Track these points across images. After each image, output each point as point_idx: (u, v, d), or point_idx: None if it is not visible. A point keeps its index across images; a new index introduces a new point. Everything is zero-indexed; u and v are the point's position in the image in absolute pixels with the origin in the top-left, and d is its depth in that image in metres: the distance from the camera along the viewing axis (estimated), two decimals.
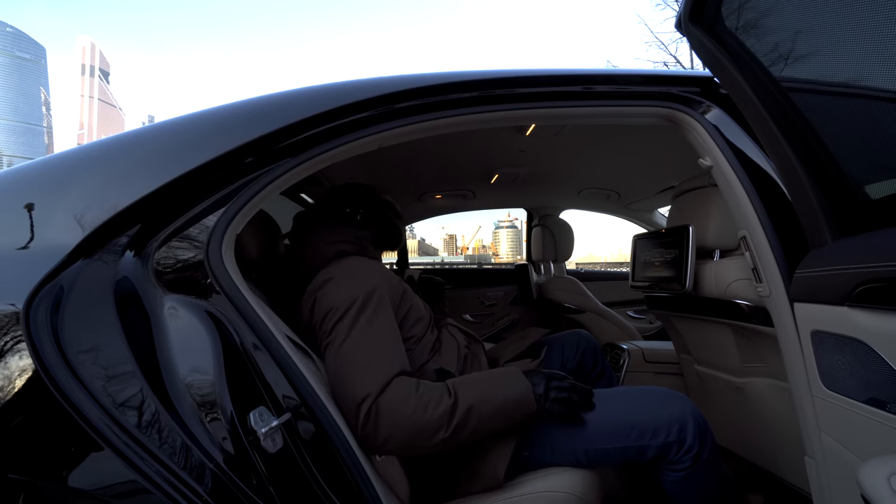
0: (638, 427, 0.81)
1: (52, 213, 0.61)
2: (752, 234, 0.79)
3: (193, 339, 0.59)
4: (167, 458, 0.51)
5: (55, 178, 0.66)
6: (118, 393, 0.52)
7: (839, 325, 0.52)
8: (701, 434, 0.81)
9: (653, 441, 0.80)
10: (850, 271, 0.49)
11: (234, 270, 0.68)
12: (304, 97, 0.75)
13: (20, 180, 0.66)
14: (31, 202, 0.62)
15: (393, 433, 0.71)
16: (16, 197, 0.63)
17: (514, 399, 0.78)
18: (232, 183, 0.69)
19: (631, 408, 0.84)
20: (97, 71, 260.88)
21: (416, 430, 0.72)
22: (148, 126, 0.73)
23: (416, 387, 0.75)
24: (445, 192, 2.23)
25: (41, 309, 0.52)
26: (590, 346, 1.22)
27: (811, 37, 0.55)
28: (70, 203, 0.62)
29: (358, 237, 0.98)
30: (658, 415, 0.82)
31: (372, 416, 0.71)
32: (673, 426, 0.80)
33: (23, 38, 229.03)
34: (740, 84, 0.58)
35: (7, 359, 0.50)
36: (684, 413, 0.82)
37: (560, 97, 0.87)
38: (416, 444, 0.73)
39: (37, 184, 0.65)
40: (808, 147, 0.54)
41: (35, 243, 0.58)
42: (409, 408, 0.72)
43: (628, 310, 2.56)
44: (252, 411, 0.57)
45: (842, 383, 0.55)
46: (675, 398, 0.85)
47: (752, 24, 0.56)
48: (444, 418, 0.73)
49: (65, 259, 0.56)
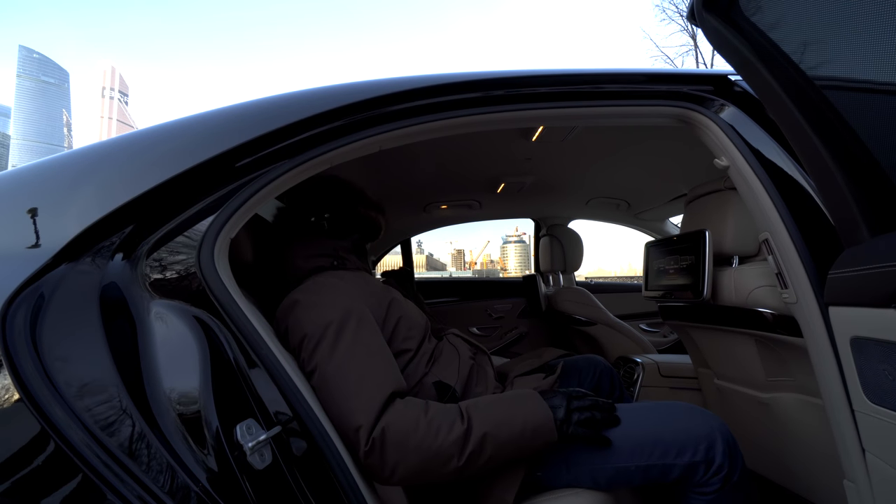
0: (662, 444, 0.74)
1: (39, 216, 0.59)
2: (775, 236, 0.74)
3: (180, 347, 0.55)
4: (145, 476, 0.47)
5: (44, 181, 0.64)
6: (97, 405, 0.49)
7: (884, 329, 0.47)
8: (731, 453, 0.74)
9: (678, 460, 0.73)
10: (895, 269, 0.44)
11: (227, 276, 0.65)
12: (301, 99, 0.73)
13: (7, 184, 0.64)
14: (16, 205, 0.60)
15: (400, 462, 0.65)
16: (9, 197, 0.61)
17: (533, 427, 0.72)
18: (226, 186, 0.66)
19: (653, 423, 0.78)
20: (116, 93, 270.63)
21: (427, 459, 0.66)
22: (142, 129, 0.71)
23: (424, 410, 0.70)
24: (451, 202, 2.20)
25: (19, 315, 0.50)
26: (606, 370, 1.15)
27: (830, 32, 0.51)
28: (58, 206, 0.60)
29: (336, 249, 0.92)
30: (683, 431, 0.75)
31: (377, 445, 0.65)
32: (700, 444, 0.74)
33: (48, 64, 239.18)
34: (761, 73, 0.54)
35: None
36: (712, 429, 0.75)
37: (567, 97, 0.84)
38: (427, 474, 0.67)
39: (25, 187, 0.63)
40: (840, 139, 0.50)
41: (17, 246, 0.56)
42: (417, 434, 0.66)
43: (641, 322, 2.48)
44: (239, 424, 0.53)
45: (891, 396, 0.49)
46: (700, 413, 0.79)
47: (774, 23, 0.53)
48: (457, 446, 0.67)
49: (48, 262, 0.54)
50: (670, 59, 13.22)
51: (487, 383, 0.93)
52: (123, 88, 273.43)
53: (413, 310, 0.93)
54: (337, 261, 0.91)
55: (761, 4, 0.53)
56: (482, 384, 0.92)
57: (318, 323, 0.74)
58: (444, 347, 0.93)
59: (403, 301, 0.92)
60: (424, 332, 0.91)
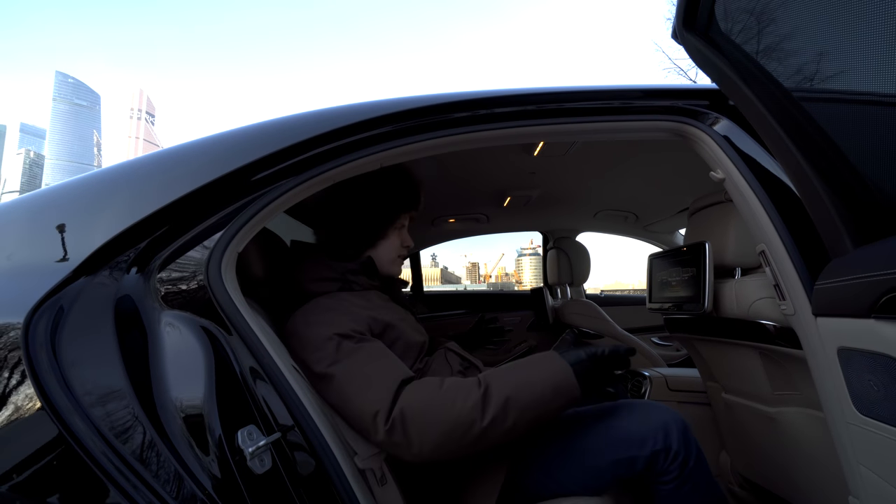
0: (627, 439, 0.80)
1: (61, 232, 0.63)
2: (770, 248, 0.74)
3: (187, 356, 0.58)
4: (153, 480, 0.49)
5: (67, 200, 0.69)
6: (109, 410, 0.52)
7: (867, 339, 0.47)
8: (684, 439, 0.80)
9: (641, 451, 0.79)
10: (874, 279, 0.44)
11: (234, 288, 0.68)
12: (305, 119, 0.77)
13: (32, 203, 0.69)
14: (40, 222, 0.65)
15: (424, 436, 0.68)
16: (27, 217, 0.66)
17: (553, 385, 0.72)
18: (234, 203, 0.70)
19: (618, 420, 0.84)
20: (143, 114, 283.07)
21: (448, 429, 0.68)
22: (155, 152, 0.76)
23: (439, 384, 0.73)
24: (458, 215, 2.23)
25: (41, 325, 0.53)
26: None
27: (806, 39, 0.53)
28: (79, 223, 0.65)
29: (344, 272, 0.93)
30: (642, 423, 0.81)
31: (397, 424, 0.68)
32: (658, 433, 0.79)
33: (81, 87, 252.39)
34: (741, 89, 0.55)
35: (4, 374, 0.51)
36: (666, 419, 0.81)
37: (565, 113, 0.86)
38: (455, 443, 0.69)
39: (48, 206, 0.68)
40: (820, 151, 0.51)
41: (41, 260, 0.60)
42: (433, 406, 0.69)
43: (652, 336, 2.44)
44: (240, 430, 0.55)
45: (877, 407, 0.49)
46: (655, 406, 0.86)
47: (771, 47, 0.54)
48: (477, 410, 0.69)
49: (68, 276, 0.58)
50: (683, 71, 13.18)
51: None
52: (150, 109, 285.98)
53: (411, 331, 0.94)
54: (343, 284, 0.93)
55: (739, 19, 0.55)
56: None
57: (320, 340, 0.78)
58: (434, 362, 0.94)
59: (402, 320, 0.93)
60: (419, 354, 0.93)
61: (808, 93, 0.53)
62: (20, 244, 0.62)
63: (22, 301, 0.54)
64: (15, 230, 0.65)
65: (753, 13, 0.51)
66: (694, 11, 0.55)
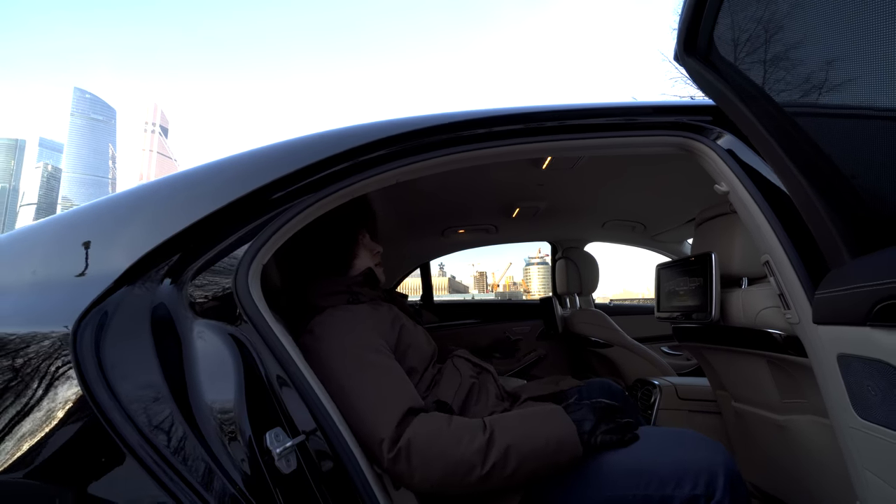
0: (659, 474, 0.73)
1: (104, 247, 0.68)
2: (774, 258, 0.77)
3: (218, 362, 0.62)
4: (189, 474, 0.53)
5: (107, 217, 0.74)
6: (149, 411, 0.56)
7: (864, 346, 0.49)
8: (733, 490, 0.71)
9: (677, 492, 0.71)
10: (868, 289, 0.47)
11: (259, 298, 0.72)
12: (325, 138, 0.81)
13: (77, 220, 0.74)
14: (84, 237, 0.69)
15: (426, 468, 0.70)
16: (73, 232, 0.71)
17: (557, 440, 0.73)
18: (258, 218, 0.75)
19: (652, 451, 0.77)
20: (157, 127, 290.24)
21: (450, 466, 0.70)
22: (184, 171, 0.81)
23: (448, 421, 0.75)
24: (468, 226, 2.27)
25: (87, 331, 0.58)
26: (619, 395, 1.15)
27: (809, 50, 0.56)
28: (117, 238, 0.69)
29: (349, 285, 0.99)
30: (684, 461, 0.74)
31: (402, 453, 0.70)
32: (700, 476, 0.72)
33: (98, 102, 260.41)
34: (740, 109, 0.59)
35: (56, 374, 0.55)
36: (714, 462, 0.73)
37: (573, 130, 0.90)
38: (452, 482, 0.71)
39: (91, 222, 0.73)
40: (815, 166, 0.53)
41: (88, 272, 0.65)
42: (440, 442, 0.71)
43: (662, 345, 2.44)
44: (268, 431, 0.59)
45: (876, 412, 0.51)
46: (703, 443, 0.77)
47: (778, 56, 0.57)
48: (480, 454, 0.71)
49: (111, 286, 0.62)
50: (690, 81, 13.15)
51: (487, 401, 0.95)
52: (164, 123, 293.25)
53: (421, 338, 0.98)
54: (351, 296, 0.98)
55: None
56: (482, 402, 0.94)
57: (334, 349, 0.82)
58: (445, 370, 0.97)
59: (413, 329, 0.98)
60: (430, 360, 0.96)
61: (803, 108, 0.56)
62: (65, 258, 0.67)
63: (70, 309, 0.58)
64: (60, 245, 0.70)
65: (761, 21, 0.54)
66: (694, 37, 0.59)
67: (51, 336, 0.58)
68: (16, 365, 0.56)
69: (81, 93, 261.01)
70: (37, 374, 0.55)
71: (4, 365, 0.56)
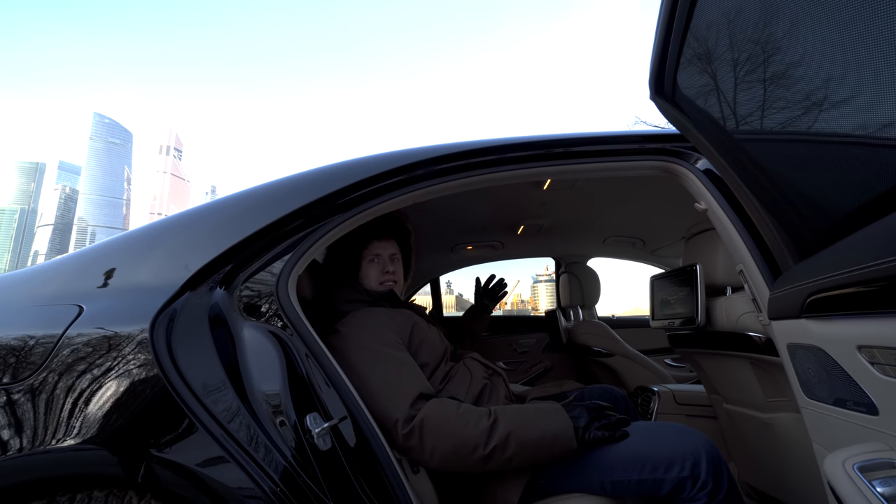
0: (652, 460, 0.82)
1: (172, 258, 0.81)
2: (746, 267, 0.87)
3: (265, 356, 0.74)
4: (248, 446, 0.64)
5: (170, 233, 0.87)
6: (214, 394, 0.67)
7: (802, 335, 0.59)
8: (715, 470, 0.80)
9: (667, 475, 0.81)
10: (802, 287, 0.57)
11: (296, 303, 0.84)
12: (352, 166, 0.94)
13: (148, 236, 0.87)
14: (156, 251, 0.82)
15: (436, 446, 0.81)
16: (148, 247, 0.84)
17: (554, 433, 0.83)
18: (297, 234, 0.87)
19: (645, 441, 0.86)
20: (172, 150, 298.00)
21: (457, 445, 0.81)
22: (235, 193, 0.94)
23: (457, 406, 0.86)
24: (475, 243, 2.39)
25: (160, 328, 0.70)
26: (621, 398, 1.24)
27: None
28: (183, 252, 0.82)
29: (367, 290, 1.14)
30: (670, 448, 0.83)
31: (416, 430, 0.82)
32: (686, 460, 0.81)
33: (115, 126, 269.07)
34: (701, 140, 0.71)
35: (140, 363, 0.67)
36: (697, 447, 0.82)
37: (574, 156, 1.03)
38: (459, 459, 0.81)
39: (161, 238, 0.86)
40: (762, 186, 0.65)
41: (159, 281, 0.77)
42: (450, 423, 0.82)
43: (666, 358, 2.50)
44: (308, 415, 0.70)
45: (815, 389, 0.60)
46: (687, 432, 0.87)
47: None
48: (483, 436, 0.81)
49: (177, 292, 0.75)
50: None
51: (497, 402, 1.05)
52: (178, 145, 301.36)
53: (435, 336, 1.10)
54: (369, 300, 1.12)
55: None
56: (493, 402, 1.04)
57: (354, 345, 0.94)
58: (459, 369, 1.07)
59: (427, 328, 1.09)
60: (442, 356, 1.07)
61: (747, 134, 0.67)
62: (138, 268, 0.80)
63: (147, 310, 0.71)
64: (132, 258, 0.83)
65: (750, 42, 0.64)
66: (661, 83, 0.71)
67: (138, 332, 0.70)
68: (109, 357, 0.68)
69: (101, 118, 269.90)
70: (124, 363, 0.67)
71: (99, 356, 0.68)
